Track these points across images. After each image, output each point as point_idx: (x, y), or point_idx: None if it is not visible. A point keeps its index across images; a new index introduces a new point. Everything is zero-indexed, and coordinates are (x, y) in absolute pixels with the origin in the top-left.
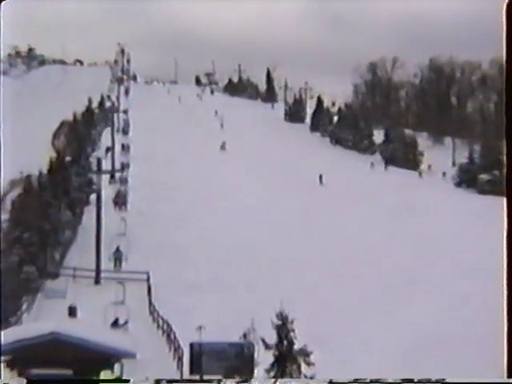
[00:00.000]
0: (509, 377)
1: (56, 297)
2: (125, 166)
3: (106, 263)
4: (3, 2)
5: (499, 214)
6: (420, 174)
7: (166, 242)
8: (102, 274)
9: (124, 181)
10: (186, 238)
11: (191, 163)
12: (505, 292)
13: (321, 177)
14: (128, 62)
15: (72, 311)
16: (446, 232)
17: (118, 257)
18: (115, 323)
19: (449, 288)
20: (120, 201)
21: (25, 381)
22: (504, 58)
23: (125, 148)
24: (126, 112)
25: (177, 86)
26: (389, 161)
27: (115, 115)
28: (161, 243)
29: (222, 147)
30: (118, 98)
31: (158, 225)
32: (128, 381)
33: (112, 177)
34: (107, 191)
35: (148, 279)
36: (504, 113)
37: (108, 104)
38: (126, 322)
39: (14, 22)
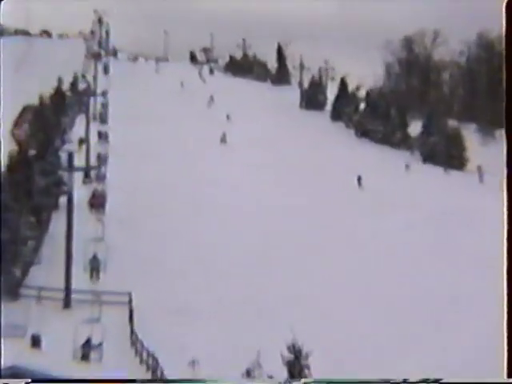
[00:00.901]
0: (509, 377)
1: (14, 335)
2: (102, 161)
3: (80, 275)
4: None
5: None
6: (465, 173)
7: (152, 256)
8: (74, 295)
9: (101, 178)
10: (177, 251)
11: (184, 159)
12: (505, 292)
13: (359, 178)
14: (107, 33)
15: (35, 341)
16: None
17: (94, 266)
18: (85, 355)
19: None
20: (96, 202)
21: (24, 381)
22: (504, 58)
23: (102, 138)
24: (104, 94)
25: (167, 63)
26: (428, 158)
27: (91, 99)
28: (146, 257)
29: (223, 140)
30: (94, 78)
31: (143, 234)
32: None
33: (86, 175)
34: (81, 192)
35: (130, 301)
36: (504, 113)
37: (82, 85)
38: (100, 348)
39: None
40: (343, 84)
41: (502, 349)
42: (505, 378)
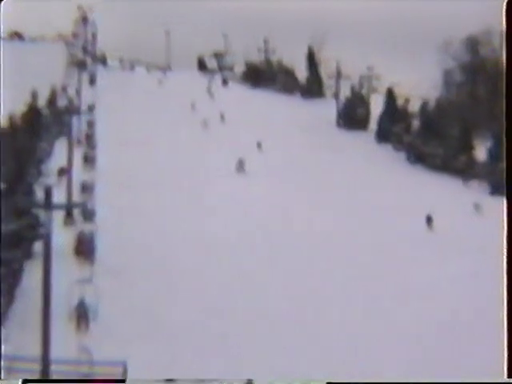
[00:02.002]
0: (509, 377)
1: None
2: (88, 196)
3: (62, 331)
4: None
5: None
6: None
7: (152, 317)
8: (53, 366)
9: (88, 217)
10: (181, 310)
11: (190, 192)
12: (505, 292)
13: (429, 219)
14: (94, 36)
15: None
16: None
17: (81, 313)
18: None
19: None
20: (83, 250)
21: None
22: (504, 58)
23: (88, 166)
24: (90, 111)
25: (171, 73)
26: (497, 189)
27: (74, 118)
28: (144, 319)
29: (239, 169)
30: (77, 92)
31: (141, 289)
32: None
33: (69, 214)
34: (61, 237)
35: (124, 372)
36: (504, 112)
37: (63, 101)
38: None
39: None
40: (391, 96)
41: (502, 349)
42: (505, 378)
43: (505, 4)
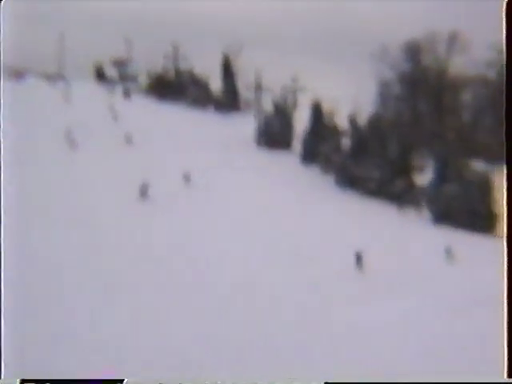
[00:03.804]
0: (509, 377)
1: None
2: None
3: None
4: (3, 2)
5: None
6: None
7: None
8: None
9: None
10: None
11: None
12: (505, 292)
13: (359, 257)
14: None
15: None
16: None
17: None
18: None
19: None
20: None
21: (18, 380)
22: (504, 58)
23: None
24: None
25: (62, 83)
26: (441, 217)
27: None
28: None
29: (143, 194)
30: None
31: None
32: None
33: None
34: None
35: None
36: (504, 113)
37: None
38: None
39: None
40: (317, 111)
41: (502, 349)
42: (505, 378)
43: (505, 4)
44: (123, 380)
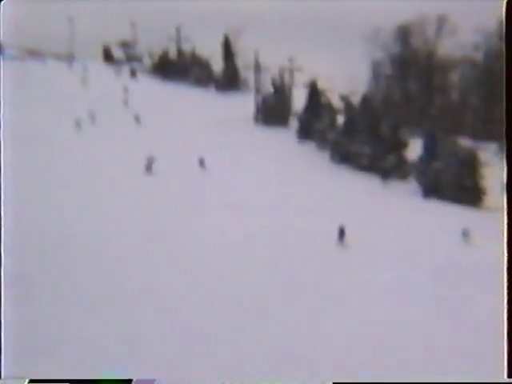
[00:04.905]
0: (509, 377)
1: None
2: None
3: None
4: (3, 2)
5: None
6: (482, 212)
7: None
8: None
9: None
10: None
11: (97, 190)
12: (505, 292)
13: (341, 231)
14: None
15: None
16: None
17: None
18: None
19: None
20: None
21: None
22: (504, 58)
23: None
24: None
25: (73, 63)
26: (430, 191)
27: None
28: None
29: (148, 168)
30: None
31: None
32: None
33: None
34: None
35: None
36: (504, 113)
37: None
38: None
39: None
40: (314, 90)
41: (502, 349)
42: (505, 378)
43: (505, 4)
44: (131, 380)
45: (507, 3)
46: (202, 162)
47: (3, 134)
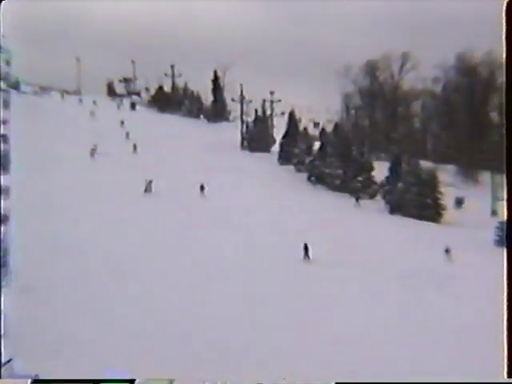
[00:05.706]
0: (509, 377)
1: None
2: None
3: None
4: (3, 2)
5: None
6: (441, 227)
7: None
8: None
9: None
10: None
11: (102, 216)
12: (505, 292)
13: (306, 247)
14: (8, 63)
15: None
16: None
17: None
18: None
19: None
20: None
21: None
22: (504, 58)
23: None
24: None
25: (79, 97)
26: (395, 208)
27: None
28: None
29: (147, 189)
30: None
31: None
32: (133, 381)
33: None
34: None
35: None
36: (504, 113)
37: None
38: None
39: None
40: (292, 119)
41: (502, 349)
42: (505, 378)
43: (505, 4)
44: (134, 380)
45: (507, 3)
46: (197, 183)
47: (19, 154)
